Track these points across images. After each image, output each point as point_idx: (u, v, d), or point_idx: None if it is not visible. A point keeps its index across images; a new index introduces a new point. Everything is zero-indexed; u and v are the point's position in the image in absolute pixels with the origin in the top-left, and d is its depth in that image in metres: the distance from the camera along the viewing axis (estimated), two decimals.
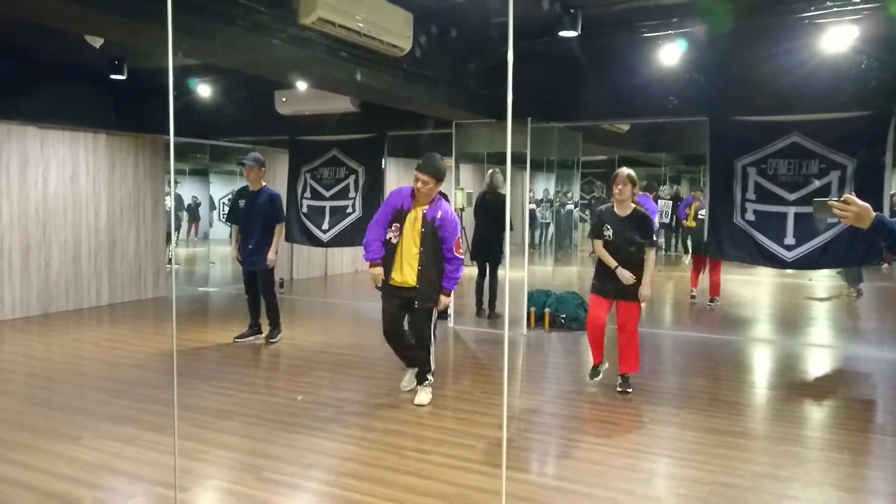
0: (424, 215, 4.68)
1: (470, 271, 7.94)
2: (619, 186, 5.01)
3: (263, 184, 6.60)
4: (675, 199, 14.19)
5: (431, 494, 3.44)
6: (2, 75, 7.67)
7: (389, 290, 4.82)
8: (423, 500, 3.38)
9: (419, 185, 4.62)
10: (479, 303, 8.09)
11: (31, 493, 3.43)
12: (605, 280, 5.11)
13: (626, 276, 4.94)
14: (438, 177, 4.65)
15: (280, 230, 6.62)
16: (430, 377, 4.93)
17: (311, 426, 4.43)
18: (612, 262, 5.01)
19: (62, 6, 3.98)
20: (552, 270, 10.89)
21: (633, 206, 5.09)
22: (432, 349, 4.92)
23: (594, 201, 15.93)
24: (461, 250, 4.74)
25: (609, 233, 5.06)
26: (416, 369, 4.98)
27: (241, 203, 6.62)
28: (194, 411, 4.64)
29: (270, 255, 6.49)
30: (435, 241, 4.68)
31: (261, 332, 6.78)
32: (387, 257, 4.81)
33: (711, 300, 9.10)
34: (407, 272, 4.73)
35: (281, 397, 5.09)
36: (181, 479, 3.53)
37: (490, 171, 8.24)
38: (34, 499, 3.37)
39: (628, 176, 5.01)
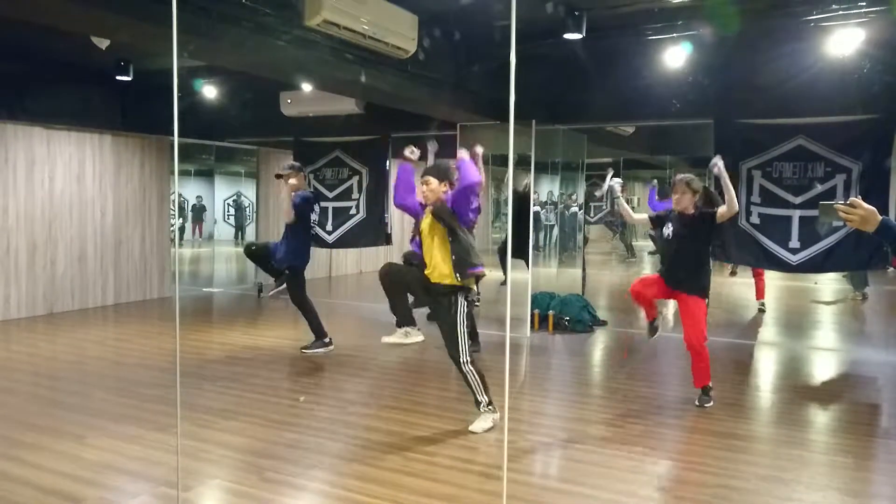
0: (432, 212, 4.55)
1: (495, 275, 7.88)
2: (677, 195, 4.84)
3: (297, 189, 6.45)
4: None
5: (434, 495, 3.44)
6: (9, 76, 7.71)
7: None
8: (426, 500, 3.39)
9: (423, 188, 4.49)
10: None
11: (35, 491, 3.44)
12: (665, 269, 4.95)
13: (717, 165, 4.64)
14: (439, 176, 4.43)
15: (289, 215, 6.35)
16: (482, 399, 4.40)
17: (314, 427, 4.44)
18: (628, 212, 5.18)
19: (69, 7, 4.00)
20: (556, 272, 10.88)
21: (698, 207, 4.84)
22: (475, 376, 4.36)
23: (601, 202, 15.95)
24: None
25: (669, 230, 4.91)
26: (404, 328, 4.80)
27: (317, 209, 6.67)
28: (198, 411, 4.65)
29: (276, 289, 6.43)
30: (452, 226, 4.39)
31: (330, 343, 6.49)
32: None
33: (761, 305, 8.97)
34: (437, 270, 4.39)
35: (284, 397, 5.10)
36: (184, 479, 3.54)
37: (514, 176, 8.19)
38: (38, 497, 3.38)
39: (686, 183, 4.82)
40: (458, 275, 4.28)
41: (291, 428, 4.40)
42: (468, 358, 4.33)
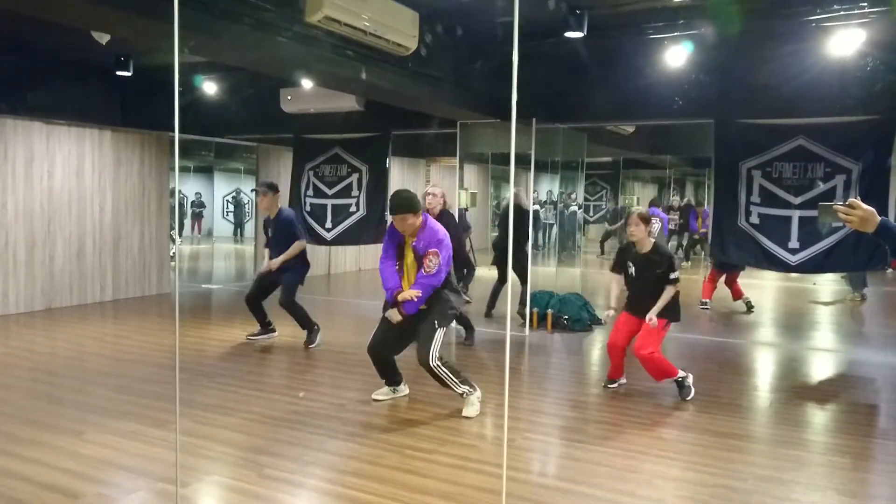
0: (414, 247, 4.58)
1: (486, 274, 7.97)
2: (631, 228, 5.06)
3: (280, 206, 6.57)
4: (687, 207, 14.18)
5: (432, 493, 3.44)
6: (8, 70, 7.70)
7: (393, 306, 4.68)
8: (424, 498, 3.39)
9: (398, 225, 4.55)
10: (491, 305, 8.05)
11: (33, 486, 3.44)
12: (633, 300, 5.18)
13: (650, 320, 4.96)
14: (406, 209, 4.48)
15: (298, 246, 6.46)
16: (461, 390, 4.63)
17: (313, 423, 4.44)
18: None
19: (70, 2, 3.99)
20: (555, 271, 10.88)
21: (653, 241, 5.11)
22: (445, 371, 4.57)
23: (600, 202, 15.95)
24: (435, 267, 4.49)
25: (632, 269, 5.11)
26: (394, 386, 4.96)
27: (269, 232, 6.62)
28: (196, 407, 4.65)
29: (273, 262, 6.40)
30: None
31: (274, 331, 6.77)
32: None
33: (747, 304, 9.04)
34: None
35: (283, 394, 5.10)
36: (183, 475, 3.54)
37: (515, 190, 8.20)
38: (36, 493, 3.38)
39: (639, 216, 5.07)
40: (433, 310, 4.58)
41: (290, 424, 4.40)
42: (437, 356, 4.53)
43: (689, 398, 5.01)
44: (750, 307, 9.03)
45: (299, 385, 5.36)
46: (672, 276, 5.00)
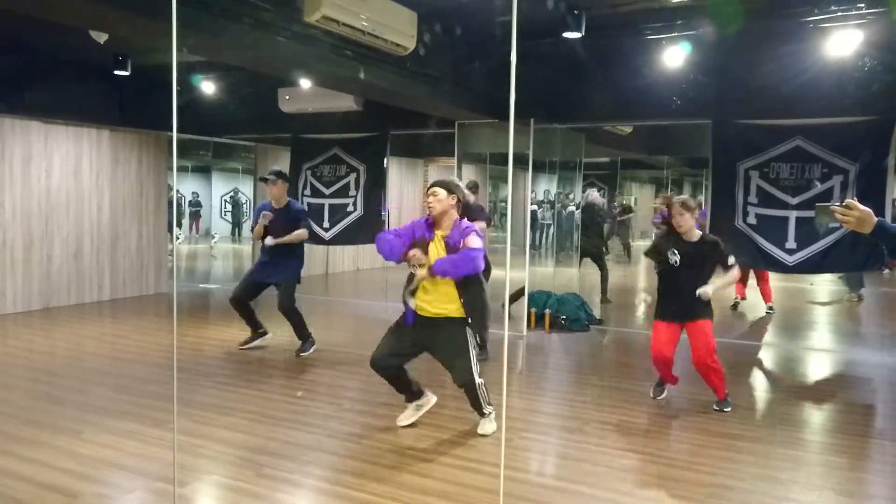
0: (447, 241, 4.05)
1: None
2: (677, 218, 4.61)
3: (288, 198, 6.28)
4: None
5: (430, 493, 3.44)
6: (6, 70, 7.68)
7: (406, 321, 4.20)
8: (423, 498, 3.39)
9: (429, 199, 4.09)
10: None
11: (31, 486, 3.44)
12: (669, 302, 4.72)
13: (706, 292, 4.51)
14: (447, 188, 4.09)
15: (301, 234, 6.13)
16: (488, 410, 4.29)
17: (311, 423, 4.44)
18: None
19: (67, 1, 3.99)
20: (553, 272, 10.89)
21: (700, 232, 4.71)
22: (485, 391, 4.21)
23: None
24: (479, 246, 3.98)
25: (676, 258, 4.61)
26: (419, 402, 4.46)
27: (271, 221, 6.13)
28: (194, 407, 4.65)
29: (275, 241, 6.04)
30: None
31: (266, 333, 6.50)
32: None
33: (769, 308, 8.92)
34: (440, 303, 4.10)
35: (281, 394, 5.10)
36: (181, 475, 3.54)
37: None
38: (35, 492, 3.38)
39: (682, 205, 4.62)
40: (469, 318, 4.06)
41: (288, 424, 4.40)
42: (480, 376, 4.16)
43: (727, 410, 4.76)
44: (770, 310, 8.89)
45: (297, 385, 5.36)
46: (730, 260, 4.61)
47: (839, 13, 5.40)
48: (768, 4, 5.73)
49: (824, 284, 11.53)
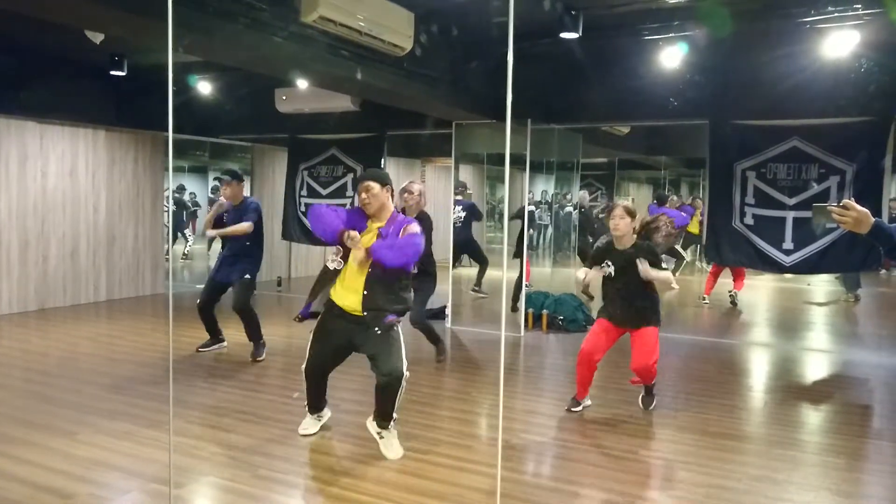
0: (381, 232, 3.88)
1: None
2: (616, 220, 4.47)
3: (245, 195, 6.26)
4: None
5: (427, 494, 3.44)
6: (2, 70, 7.66)
7: (330, 315, 3.99)
8: (419, 499, 3.38)
9: (362, 195, 3.91)
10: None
11: (26, 487, 3.42)
12: (614, 308, 4.58)
13: (645, 269, 4.31)
14: (381, 180, 3.92)
15: (243, 227, 5.95)
16: (395, 417, 3.95)
17: None
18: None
19: (63, 1, 3.97)
20: (550, 272, 10.89)
21: (634, 238, 4.54)
22: (402, 392, 3.89)
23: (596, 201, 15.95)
24: (417, 236, 3.81)
25: (610, 269, 4.53)
26: (321, 413, 4.26)
27: (225, 217, 6.14)
28: (190, 408, 4.64)
29: (210, 230, 6.09)
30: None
31: (223, 341, 6.47)
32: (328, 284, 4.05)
33: (731, 293, 9.26)
34: (352, 298, 3.90)
35: (277, 395, 5.08)
36: (176, 476, 3.53)
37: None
38: (30, 493, 3.36)
39: (624, 208, 4.50)
40: (366, 313, 3.83)
41: (284, 425, 4.38)
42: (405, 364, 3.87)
43: (651, 408, 4.79)
44: (733, 302, 9.25)
45: (293, 385, 5.33)
46: (664, 265, 4.52)
47: (836, 14, 5.39)
48: (765, 5, 5.73)
49: (821, 285, 11.55)
